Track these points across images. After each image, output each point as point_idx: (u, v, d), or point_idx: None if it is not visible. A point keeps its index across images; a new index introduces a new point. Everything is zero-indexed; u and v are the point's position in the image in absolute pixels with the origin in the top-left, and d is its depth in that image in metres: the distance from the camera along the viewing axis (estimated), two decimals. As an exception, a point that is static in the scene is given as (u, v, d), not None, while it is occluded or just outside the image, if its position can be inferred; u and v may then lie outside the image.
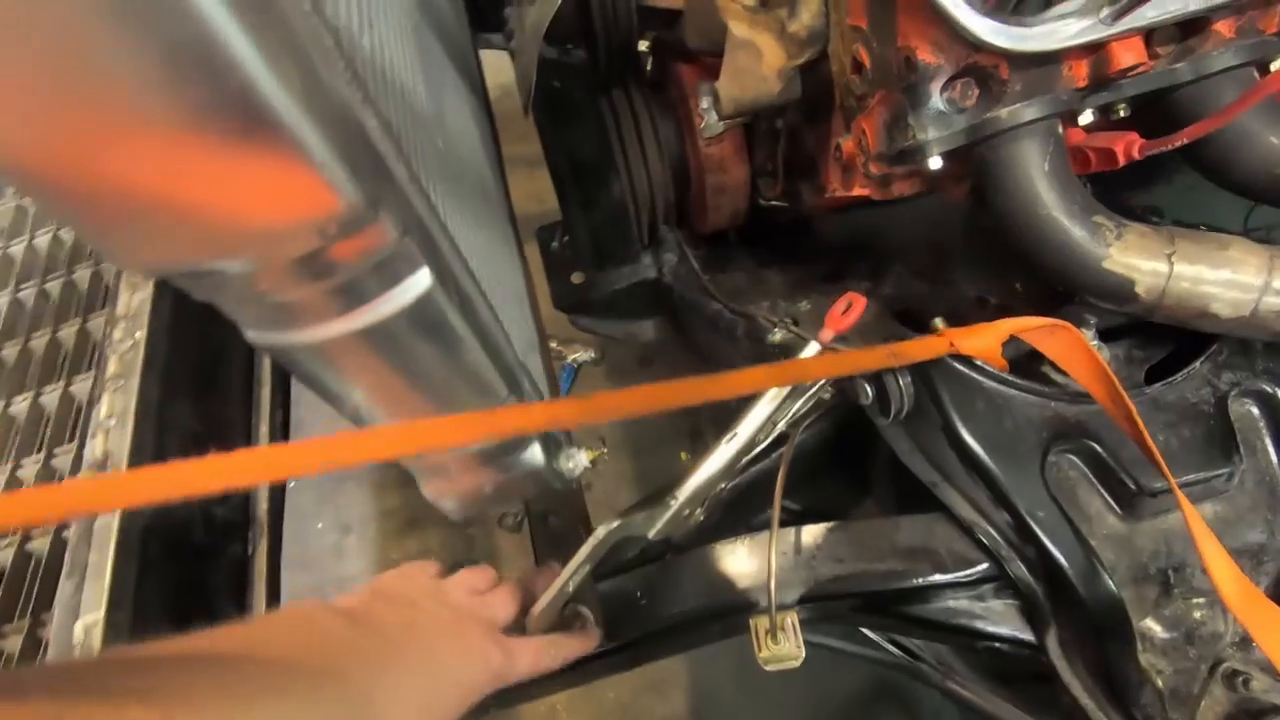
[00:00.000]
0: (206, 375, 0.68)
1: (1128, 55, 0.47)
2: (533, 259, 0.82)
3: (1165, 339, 0.57)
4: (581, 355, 1.60)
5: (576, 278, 0.98)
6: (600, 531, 0.53)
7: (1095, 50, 0.47)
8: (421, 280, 0.31)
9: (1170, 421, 0.51)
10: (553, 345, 1.58)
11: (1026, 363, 0.57)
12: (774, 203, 0.86)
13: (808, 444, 0.68)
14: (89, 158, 0.19)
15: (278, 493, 0.74)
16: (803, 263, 0.95)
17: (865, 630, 0.74)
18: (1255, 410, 0.53)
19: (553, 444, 0.55)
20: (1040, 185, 0.49)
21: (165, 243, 0.24)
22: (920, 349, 0.49)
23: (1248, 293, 0.46)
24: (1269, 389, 0.52)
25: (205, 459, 0.25)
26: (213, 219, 0.23)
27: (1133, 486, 0.50)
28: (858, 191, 0.67)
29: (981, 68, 0.48)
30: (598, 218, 0.85)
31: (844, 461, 0.76)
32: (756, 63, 0.62)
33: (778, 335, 0.78)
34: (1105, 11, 0.45)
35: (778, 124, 0.78)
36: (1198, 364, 0.52)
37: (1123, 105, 0.53)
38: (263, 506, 0.71)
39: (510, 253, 0.73)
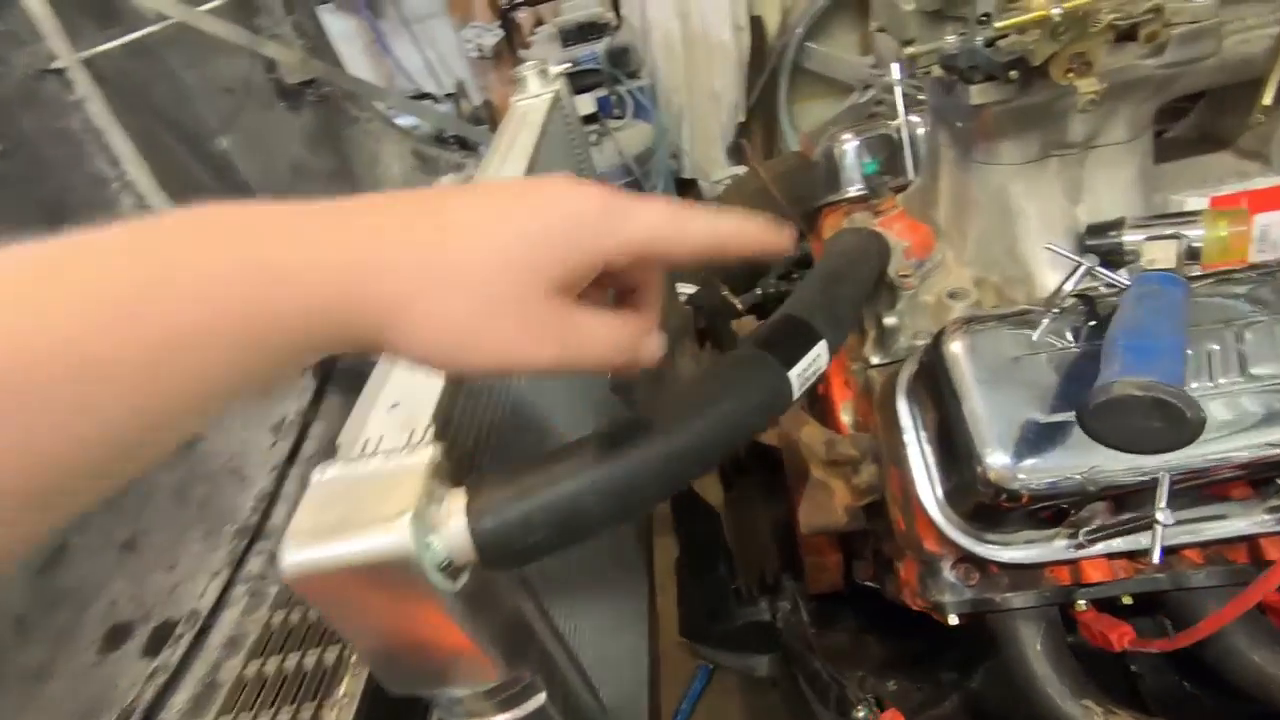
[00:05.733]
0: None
1: (1095, 573, 0.60)
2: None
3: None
4: (716, 659, 1.71)
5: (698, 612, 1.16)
6: None
7: (1070, 563, 0.61)
8: (538, 700, 0.53)
9: None
10: (691, 645, 1.71)
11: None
12: (867, 583, 1.00)
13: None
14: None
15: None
16: (902, 635, 1.04)
17: None
18: None
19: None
20: (1034, 662, 0.61)
21: (425, 684, 0.48)
22: (925, 788, 0.59)
23: (1228, 808, 0.52)
24: None
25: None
26: (448, 675, 0.47)
27: None
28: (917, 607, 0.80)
29: (976, 560, 0.64)
30: (704, 579, 1.05)
31: None
32: (829, 498, 0.82)
33: (861, 713, 0.88)
34: (1065, 541, 0.60)
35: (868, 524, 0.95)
36: None
37: (1124, 597, 0.64)
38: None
39: (638, 611, 0.94)
